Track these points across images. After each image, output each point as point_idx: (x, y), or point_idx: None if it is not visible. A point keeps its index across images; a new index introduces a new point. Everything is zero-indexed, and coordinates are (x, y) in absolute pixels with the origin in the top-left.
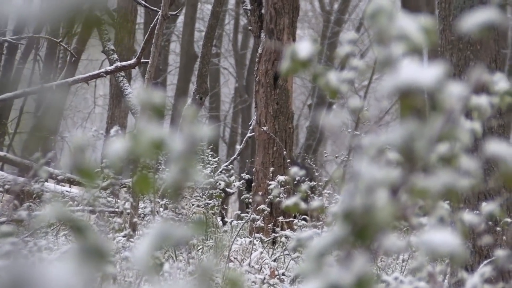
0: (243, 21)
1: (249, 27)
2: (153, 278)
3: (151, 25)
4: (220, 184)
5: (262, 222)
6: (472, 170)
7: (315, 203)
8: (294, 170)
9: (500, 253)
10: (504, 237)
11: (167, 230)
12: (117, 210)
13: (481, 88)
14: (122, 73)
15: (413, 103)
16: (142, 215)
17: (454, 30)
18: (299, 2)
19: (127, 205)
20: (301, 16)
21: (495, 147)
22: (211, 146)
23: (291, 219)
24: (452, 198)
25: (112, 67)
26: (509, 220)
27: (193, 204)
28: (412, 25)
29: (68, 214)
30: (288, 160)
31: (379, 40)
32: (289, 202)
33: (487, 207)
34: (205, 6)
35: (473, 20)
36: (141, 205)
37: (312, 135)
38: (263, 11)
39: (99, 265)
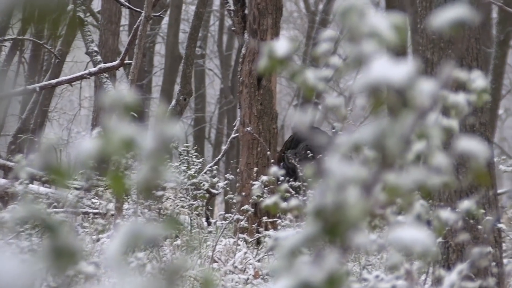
0: (228, 22)
1: (233, 28)
2: (123, 275)
3: (134, 27)
4: (204, 184)
5: (246, 222)
6: (444, 167)
7: (293, 202)
8: (273, 169)
9: (476, 250)
10: (485, 235)
11: (137, 228)
12: (101, 211)
13: (459, 86)
14: (106, 75)
15: (385, 100)
16: (126, 216)
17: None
18: (283, 3)
19: (111, 206)
20: (286, 16)
21: (466, 144)
22: (196, 147)
23: (275, 219)
24: (425, 195)
25: (95, 69)
26: (490, 218)
27: (177, 205)
28: (383, 22)
29: (38, 213)
30: (272, 161)
31: (350, 38)
32: (268, 201)
33: (465, 204)
34: (189, 7)
35: (444, 17)
36: (126, 206)
37: None
38: (246, 11)
39: (69, 263)
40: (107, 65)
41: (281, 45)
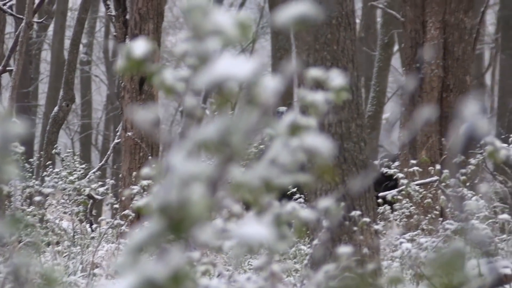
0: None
1: (114, 33)
2: None
3: (16, 33)
4: (84, 190)
5: (127, 227)
6: (289, 165)
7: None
8: (145, 171)
9: (343, 250)
10: (361, 237)
11: None
12: None
13: (318, 86)
14: None
15: (229, 97)
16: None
17: (310, 30)
18: (167, 7)
19: None
20: (172, 22)
21: (311, 140)
22: (80, 153)
23: None
24: (271, 192)
25: None
26: (367, 219)
27: (59, 211)
28: (227, 20)
29: None
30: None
31: (195, 36)
32: (139, 203)
33: (324, 203)
34: (75, 14)
35: (287, 14)
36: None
37: None
38: (128, 17)
39: None
40: None
41: (139, 46)
